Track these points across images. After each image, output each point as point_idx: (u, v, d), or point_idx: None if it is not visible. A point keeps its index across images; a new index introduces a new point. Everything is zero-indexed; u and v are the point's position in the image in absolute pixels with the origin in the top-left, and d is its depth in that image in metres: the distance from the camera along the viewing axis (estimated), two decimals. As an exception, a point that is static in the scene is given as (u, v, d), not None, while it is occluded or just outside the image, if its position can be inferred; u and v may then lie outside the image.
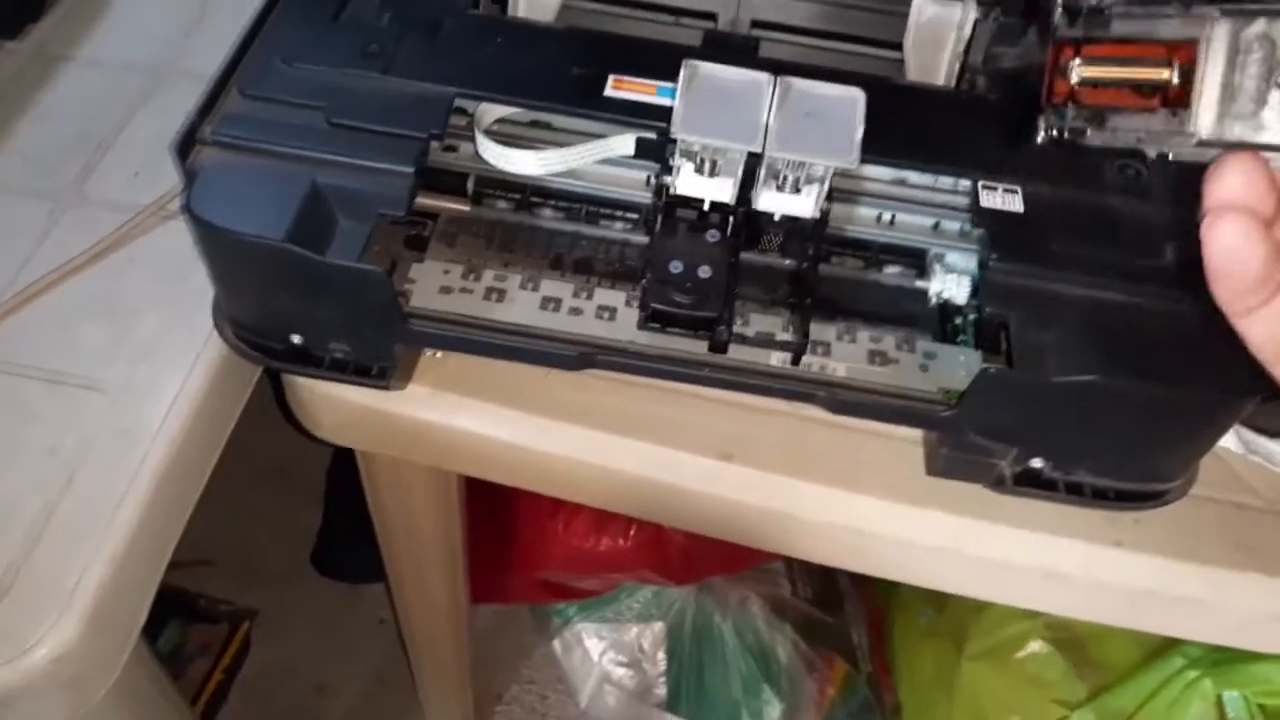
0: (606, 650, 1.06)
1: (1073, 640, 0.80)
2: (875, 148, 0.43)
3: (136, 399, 0.46)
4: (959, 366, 0.45)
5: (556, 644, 1.08)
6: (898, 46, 0.50)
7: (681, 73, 0.41)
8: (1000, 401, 0.41)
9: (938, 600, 0.90)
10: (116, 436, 0.44)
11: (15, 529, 0.42)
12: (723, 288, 0.43)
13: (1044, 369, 0.39)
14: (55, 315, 0.48)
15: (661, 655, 1.05)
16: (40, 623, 0.40)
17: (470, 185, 0.48)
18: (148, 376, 0.46)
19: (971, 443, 0.44)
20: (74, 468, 0.43)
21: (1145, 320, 0.41)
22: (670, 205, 0.44)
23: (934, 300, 0.47)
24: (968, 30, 0.49)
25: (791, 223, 0.44)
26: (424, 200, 0.48)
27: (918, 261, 0.48)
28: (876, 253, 0.48)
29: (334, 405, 0.49)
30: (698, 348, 0.44)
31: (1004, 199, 0.43)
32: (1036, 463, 0.44)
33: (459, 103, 0.45)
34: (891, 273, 0.48)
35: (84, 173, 0.54)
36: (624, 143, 0.46)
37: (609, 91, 0.44)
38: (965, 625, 0.85)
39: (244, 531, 1.14)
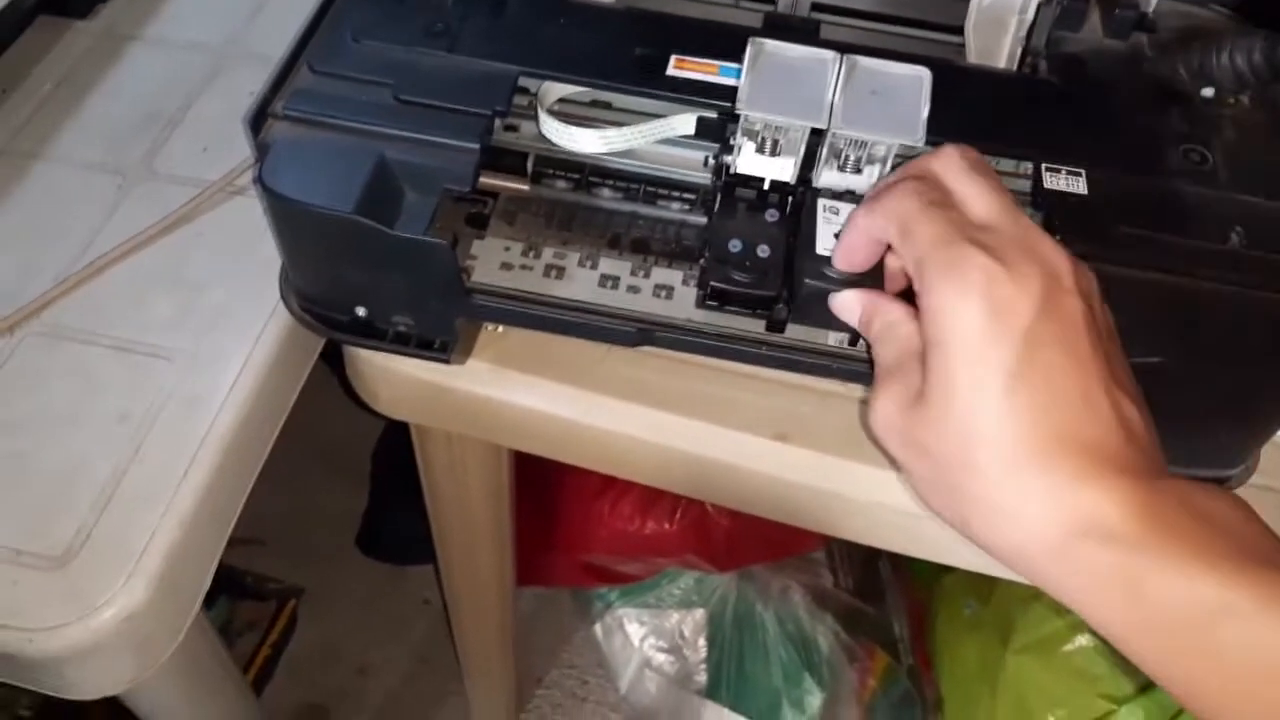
0: (647, 636, 1.07)
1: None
2: (938, 128, 0.43)
3: (204, 368, 0.47)
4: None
5: (598, 628, 1.08)
6: (959, 31, 0.50)
7: (747, 49, 0.41)
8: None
9: (982, 592, 0.90)
10: (184, 404, 0.45)
11: (86, 492, 0.43)
12: (781, 267, 0.43)
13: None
14: (125, 287, 0.49)
15: (702, 642, 1.05)
16: (110, 583, 0.41)
17: (530, 165, 0.49)
18: (214, 346, 0.47)
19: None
20: (143, 434, 0.44)
21: (1211, 305, 0.40)
22: (730, 184, 0.45)
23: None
24: (1030, 14, 0.49)
25: (857, 198, 0.44)
26: (484, 179, 0.48)
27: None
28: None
29: (393, 379, 0.50)
30: (755, 327, 0.44)
31: (1068, 181, 0.43)
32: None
33: (522, 82, 0.45)
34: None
35: (153, 149, 0.55)
36: (685, 122, 0.46)
37: (671, 71, 0.45)
38: (1011, 618, 0.85)
39: (292, 511, 1.16)
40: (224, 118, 0.56)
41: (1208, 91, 0.46)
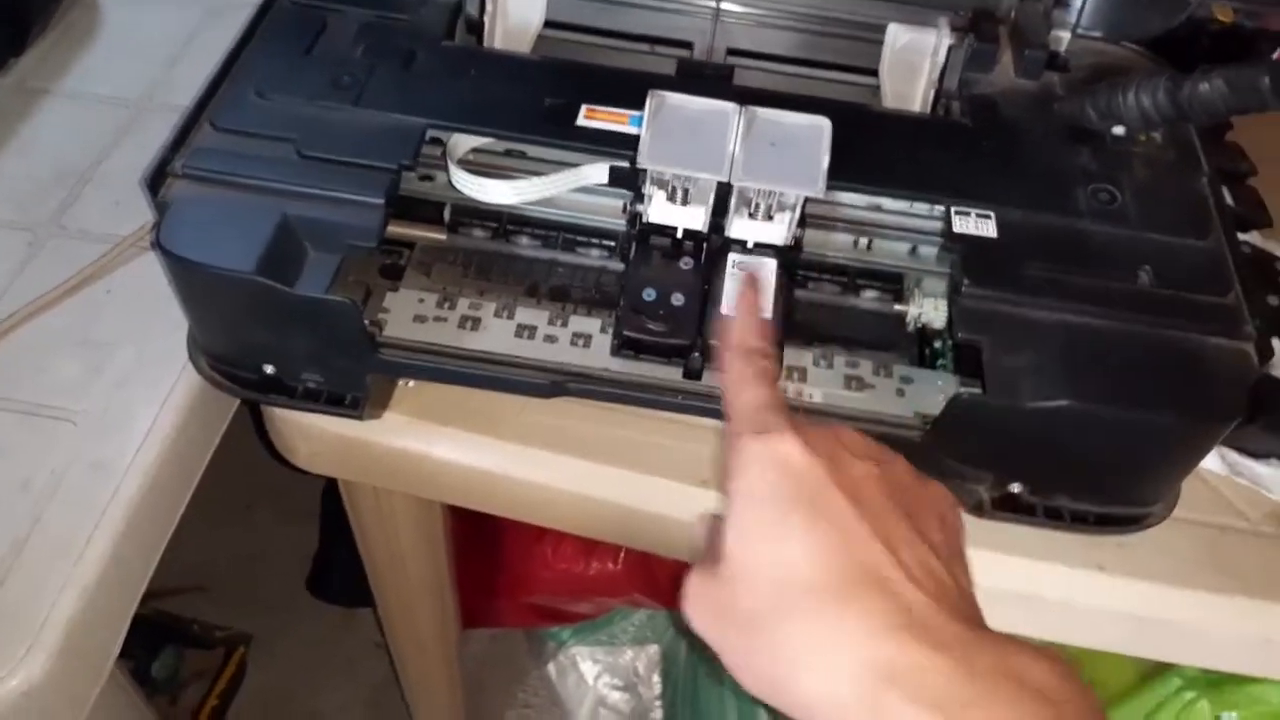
0: (601, 674, 1.05)
1: (1070, 661, 0.79)
2: (849, 174, 0.43)
3: (110, 431, 0.45)
4: (936, 391, 0.45)
5: (551, 668, 1.07)
6: (874, 73, 0.51)
7: (647, 102, 0.41)
8: (974, 427, 0.41)
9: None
10: (89, 469, 0.44)
11: (-13, 563, 0.41)
12: (696, 315, 0.43)
13: (1018, 394, 0.39)
14: (31, 347, 0.48)
15: (657, 678, 1.04)
16: (9, 657, 0.39)
17: (447, 214, 0.48)
18: (122, 408, 0.46)
19: (948, 468, 0.43)
20: (45, 501, 0.43)
21: (1119, 345, 0.40)
22: (644, 233, 0.44)
23: (912, 325, 0.47)
24: (942, 56, 0.49)
25: (766, 249, 0.44)
26: (400, 229, 0.48)
27: (895, 286, 0.48)
28: (854, 277, 0.48)
29: (309, 434, 0.49)
30: (672, 374, 0.44)
31: (977, 224, 0.43)
32: (1015, 487, 0.44)
33: (433, 133, 0.45)
34: (869, 297, 0.48)
35: (63, 205, 0.54)
36: (598, 171, 0.46)
37: (582, 121, 0.44)
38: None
39: (239, 555, 1.13)
40: (135, 172, 0.54)
41: (1118, 130, 0.47)
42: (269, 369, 0.44)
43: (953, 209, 0.43)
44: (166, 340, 0.48)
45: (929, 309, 0.46)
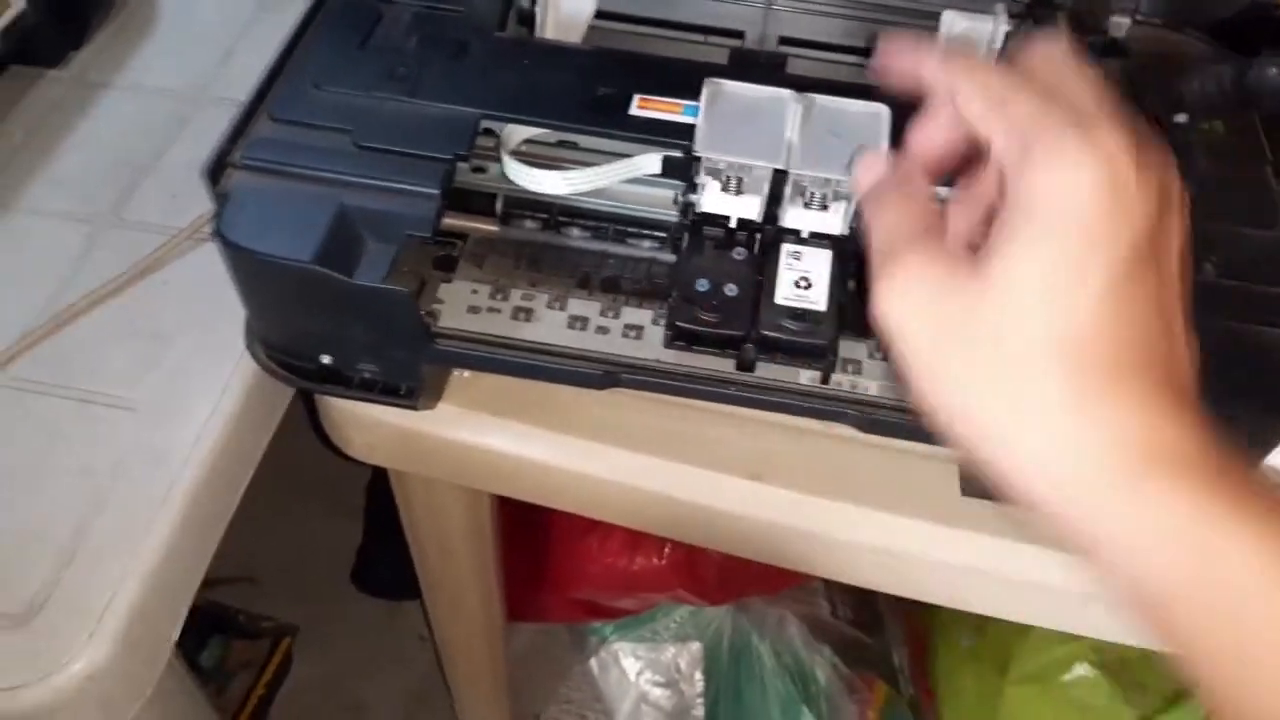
0: (643, 670, 1.05)
1: (1120, 664, 0.78)
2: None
3: (169, 420, 0.46)
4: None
5: (593, 663, 1.07)
6: (928, 60, 0.50)
7: (704, 91, 0.41)
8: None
9: (979, 622, 0.88)
10: (148, 457, 0.45)
11: (48, 548, 0.42)
12: (749, 306, 0.42)
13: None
14: (91, 337, 0.49)
15: (699, 675, 1.04)
16: (72, 642, 0.40)
17: (499, 205, 0.48)
18: (180, 398, 0.47)
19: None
20: (106, 488, 0.44)
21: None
22: (697, 223, 0.44)
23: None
24: (999, 43, 0.49)
25: (822, 239, 0.44)
26: (453, 221, 0.48)
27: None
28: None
29: (364, 424, 0.49)
30: (725, 365, 0.44)
31: (1036, 213, 0.42)
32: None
33: (486, 124, 0.45)
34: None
35: (122, 197, 0.55)
36: (650, 162, 0.45)
37: (634, 111, 0.44)
38: (1008, 648, 0.83)
39: (286, 547, 1.15)
40: (193, 165, 0.54)
41: (1181, 117, 0.46)
42: (326, 359, 0.44)
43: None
44: (224, 330, 0.48)
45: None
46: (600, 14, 0.51)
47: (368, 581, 1.22)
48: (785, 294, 0.40)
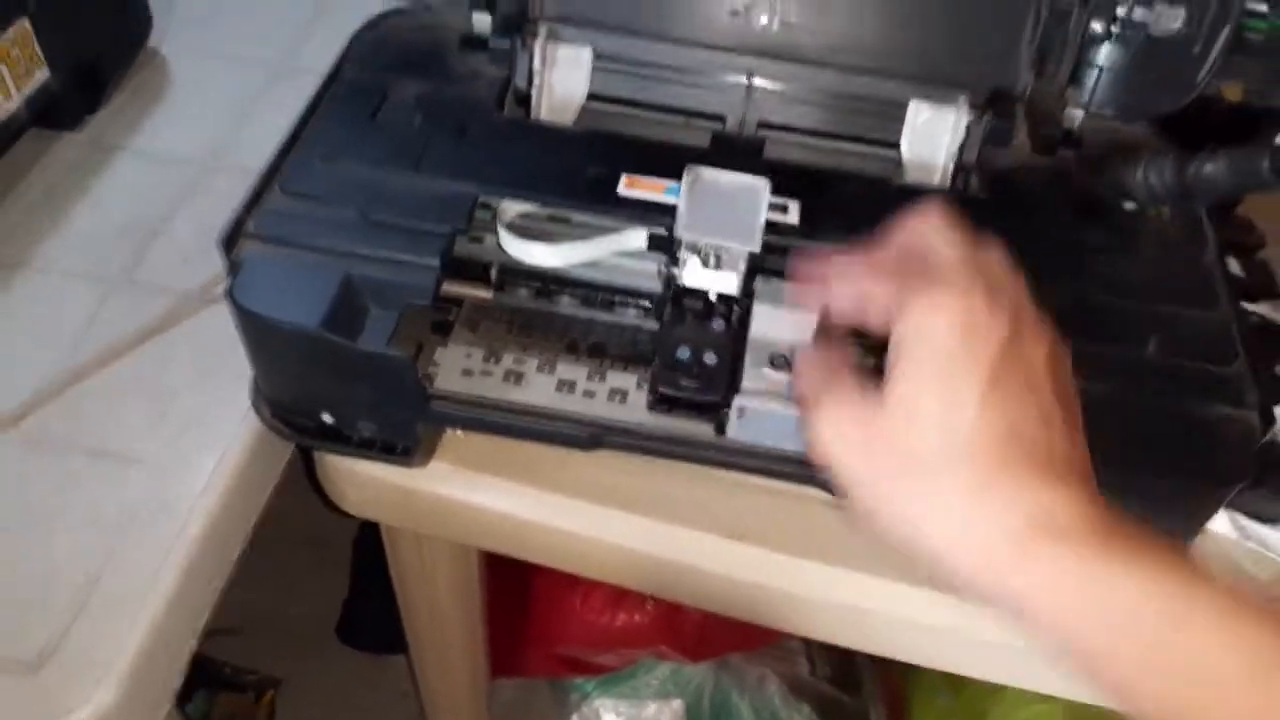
0: (625, 726, 1.06)
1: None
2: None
3: (176, 474, 0.48)
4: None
5: (575, 719, 1.08)
6: (897, 145, 0.53)
7: (684, 176, 0.44)
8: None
9: (955, 681, 0.90)
10: (156, 509, 0.47)
11: (60, 596, 0.44)
12: (727, 373, 0.45)
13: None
14: (102, 394, 0.51)
15: (679, 732, 1.05)
16: (81, 689, 0.42)
17: (493, 274, 0.51)
18: (187, 452, 0.49)
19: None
20: (115, 539, 0.46)
21: (1127, 411, 0.42)
22: (679, 295, 0.47)
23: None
24: (961, 132, 0.52)
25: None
26: (450, 288, 0.51)
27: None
28: (882, 345, 0.50)
29: (360, 481, 0.51)
30: (705, 430, 0.46)
31: (994, 292, 0.45)
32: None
33: (483, 199, 0.48)
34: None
35: (133, 258, 0.58)
36: (636, 237, 0.49)
37: (622, 190, 0.47)
38: (984, 707, 0.85)
39: (271, 600, 1.15)
40: (203, 228, 0.58)
41: (1129, 205, 0.49)
42: (327, 418, 0.47)
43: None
44: (230, 389, 0.51)
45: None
46: (591, 96, 0.55)
47: (352, 635, 1.23)
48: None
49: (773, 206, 0.47)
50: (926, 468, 0.33)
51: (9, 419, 0.50)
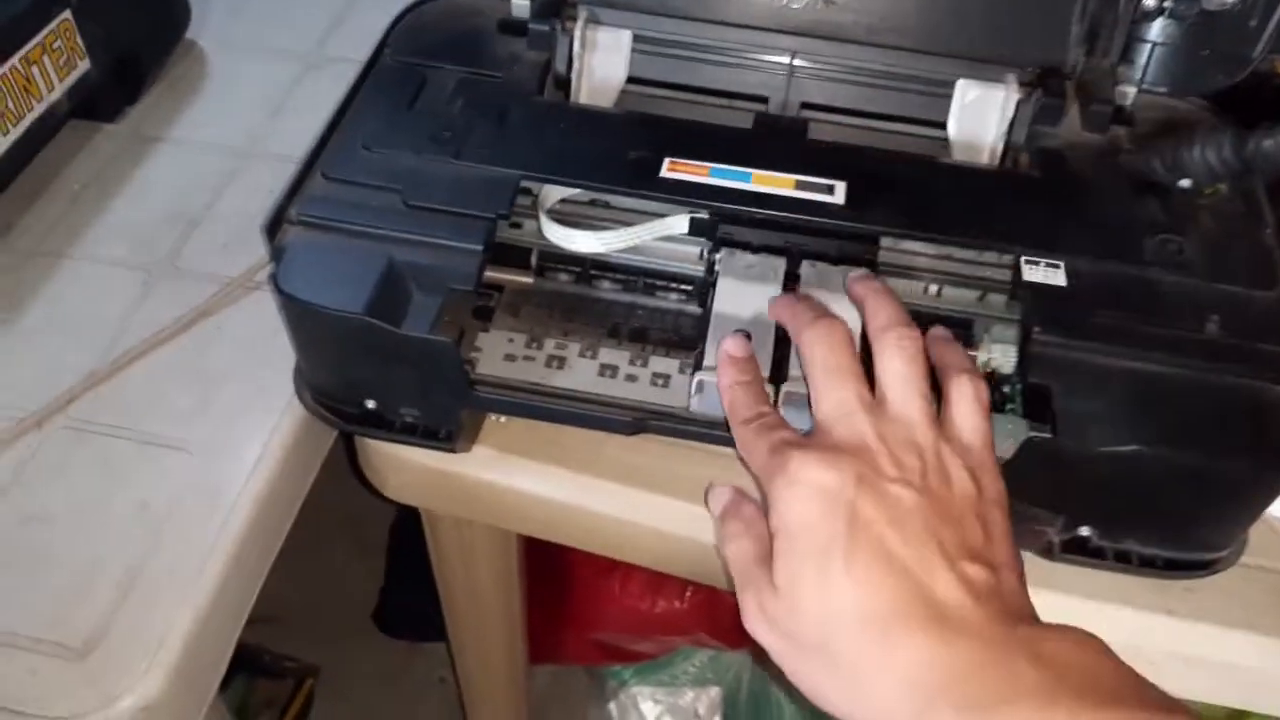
0: (663, 714, 1.06)
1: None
2: (919, 224, 0.45)
3: (222, 460, 0.48)
4: (1007, 435, 0.46)
5: (612, 707, 1.08)
6: (944, 125, 0.53)
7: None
8: (1045, 470, 0.42)
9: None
10: (203, 495, 0.47)
11: (107, 582, 0.44)
12: (770, 358, 0.45)
13: (1088, 439, 0.41)
14: (147, 381, 0.52)
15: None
16: (129, 674, 0.42)
17: (534, 259, 0.51)
18: (233, 438, 0.49)
19: (1018, 510, 0.44)
20: (162, 525, 0.46)
21: (1188, 392, 0.41)
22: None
23: (982, 369, 0.49)
24: (1010, 110, 0.51)
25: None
26: (491, 273, 0.51)
27: (966, 332, 0.49)
28: (925, 323, 0.49)
29: (401, 466, 0.51)
30: (749, 414, 0.46)
31: (1046, 273, 0.45)
32: (1084, 531, 0.45)
33: (524, 184, 0.48)
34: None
35: (175, 247, 0.58)
36: (679, 222, 0.48)
37: (664, 173, 0.47)
38: None
39: (310, 588, 1.16)
40: (243, 216, 0.59)
41: (1185, 182, 0.48)
42: (370, 404, 0.47)
43: (1022, 258, 0.45)
44: (273, 375, 0.51)
45: (998, 355, 0.48)
46: (631, 79, 0.54)
47: (390, 622, 1.23)
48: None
49: (818, 188, 0.47)
50: (816, 648, 0.34)
51: (54, 407, 0.50)
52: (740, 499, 0.41)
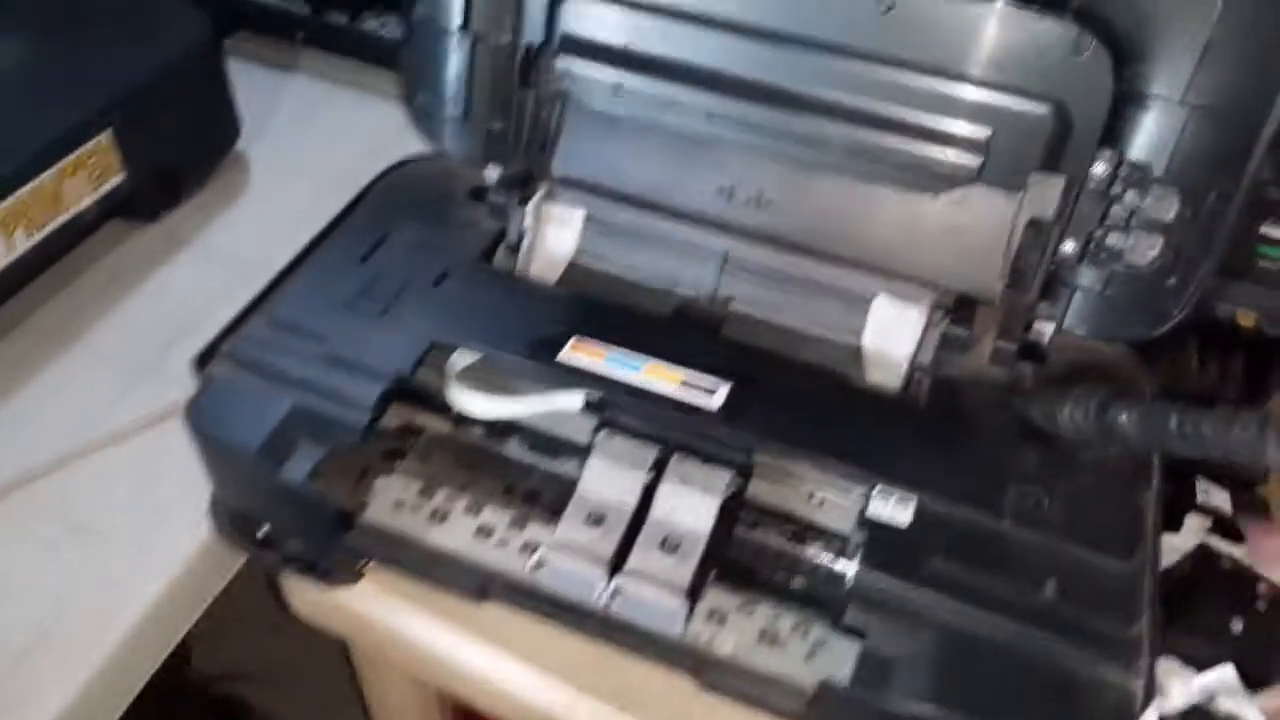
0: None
1: None
2: (785, 439, 0.47)
3: (137, 554, 0.53)
4: (847, 659, 0.46)
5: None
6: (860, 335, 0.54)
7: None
8: (846, 716, 0.42)
9: None
10: (106, 584, 0.52)
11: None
12: (617, 543, 0.46)
13: (888, 689, 0.41)
14: (101, 472, 0.57)
15: None
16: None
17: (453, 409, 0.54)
18: (156, 536, 0.54)
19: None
20: (63, 605, 0.51)
21: (1002, 655, 0.41)
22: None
23: (849, 584, 0.49)
24: (919, 333, 0.52)
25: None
26: (415, 418, 0.54)
27: (839, 544, 0.50)
28: (801, 529, 0.50)
29: (301, 588, 0.55)
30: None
31: (895, 508, 0.45)
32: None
33: (437, 344, 0.51)
34: (810, 553, 0.50)
35: (164, 350, 0.63)
36: (574, 399, 0.51)
37: (564, 353, 0.50)
38: None
39: (305, 647, 1.20)
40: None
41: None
42: (261, 531, 0.51)
43: (876, 488, 0.46)
44: (205, 484, 0.55)
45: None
46: (580, 252, 0.58)
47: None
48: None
49: (700, 389, 0.49)
50: None
51: (9, 487, 0.56)
52: None
